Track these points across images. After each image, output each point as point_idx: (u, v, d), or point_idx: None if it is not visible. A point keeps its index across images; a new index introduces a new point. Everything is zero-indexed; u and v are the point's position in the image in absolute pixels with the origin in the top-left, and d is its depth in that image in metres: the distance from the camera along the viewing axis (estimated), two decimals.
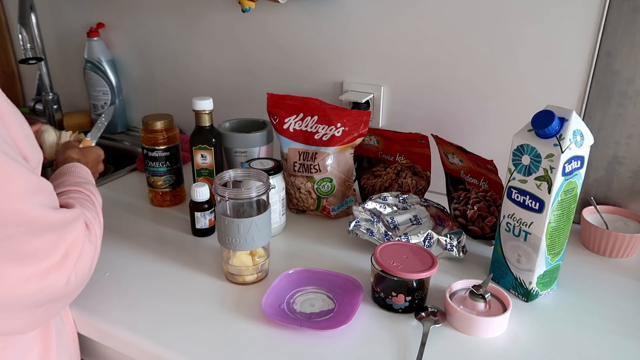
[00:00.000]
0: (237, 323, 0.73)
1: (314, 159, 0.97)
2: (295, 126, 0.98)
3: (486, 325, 0.70)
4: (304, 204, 1.02)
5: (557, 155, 0.69)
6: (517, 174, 0.75)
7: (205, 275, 0.84)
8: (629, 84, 0.88)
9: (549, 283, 0.79)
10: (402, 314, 0.75)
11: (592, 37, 0.89)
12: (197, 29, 1.29)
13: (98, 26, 1.42)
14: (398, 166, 1.03)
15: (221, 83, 1.32)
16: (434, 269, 0.74)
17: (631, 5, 0.84)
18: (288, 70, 1.21)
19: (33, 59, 1.31)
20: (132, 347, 0.72)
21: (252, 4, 1.10)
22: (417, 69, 1.07)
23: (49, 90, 1.50)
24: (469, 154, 0.89)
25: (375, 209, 0.92)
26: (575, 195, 0.74)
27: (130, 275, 0.84)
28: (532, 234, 0.74)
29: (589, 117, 0.93)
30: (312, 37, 1.15)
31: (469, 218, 0.93)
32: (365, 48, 1.10)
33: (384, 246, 0.79)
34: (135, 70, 1.46)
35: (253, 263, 0.81)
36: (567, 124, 0.69)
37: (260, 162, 0.94)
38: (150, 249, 0.91)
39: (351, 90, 1.14)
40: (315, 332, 0.70)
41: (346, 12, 1.09)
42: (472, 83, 1.02)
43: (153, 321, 0.74)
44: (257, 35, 1.22)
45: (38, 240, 0.57)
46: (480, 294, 0.72)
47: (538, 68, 0.95)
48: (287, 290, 0.78)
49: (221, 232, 0.80)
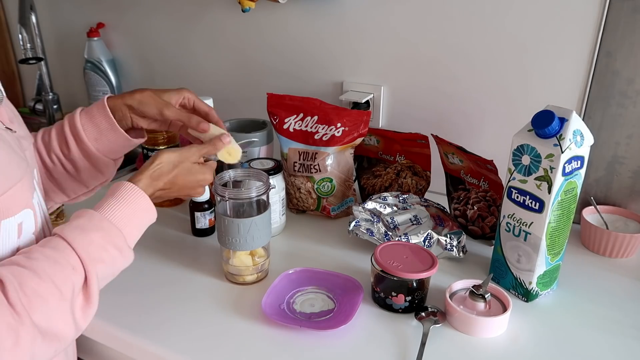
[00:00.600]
0: (237, 323, 0.73)
1: (314, 159, 0.97)
2: (295, 126, 0.98)
3: (486, 325, 0.70)
4: (304, 204, 1.02)
5: (557, 155, 0.69)
6: (517, 174, 0.75)
7: (205, 275, 0.84)
8: (629, 84, 0.88)
9: (549, 283, 0.79)
10: (402, 314, 0.75)
11: (592, 37, 0.89)
12: (197, 29, 1.29)
13: (98, 26, 1.42)
14: (398, 166, 1.03)
15: (221, 83, 1.32)
16: (434, 269, 0.74)
17: (631, 5, 0.84)
18: (288, 70, 1.21)
19: (33, 59, 1.31)
20: (132, 347, 0.72)
21: (252, 4, 1.10)
22: (417, 69, 1.07)
23: (49, 90, 1.50)
24: (469, 154, 0.89)
25: (375, 209, 0.92)
26: (575, 195, 0.74)
27: (130, 275, 0.83)
28: (532, 234, 0.74)
29: (589, 117, 0.93)
30: (312, 37, 1.15)
31: (469, 218, 0.93)
32: (365, 48, 1.10)
33: (384, 246, 0.79)
34: (135, 70, 1.45)
35: (253, 263, 0.81)
36: (567, 124, 0.69)
37: (260, 162, 0.94)
38: (150, 249, 0.91)
39: (351, 90, 1.14)
40: (315, 332, 0.70)
41: (346, 12, 1.09)
42: (472, 83, 1.02)
43: (153, 321, 0.74)
44: (257, 35, 1.22)
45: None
46: (480, 294, 0.72)
47: (538, 68, 0.95)
48: (287, 290, 0.78)
49: (221, 232, 0.80)
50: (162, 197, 0.68)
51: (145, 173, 0.65)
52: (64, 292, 0.52)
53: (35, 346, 0.50)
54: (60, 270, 0.53)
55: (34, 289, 0.50)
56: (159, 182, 0.66)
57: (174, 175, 0.67)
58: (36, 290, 0.51)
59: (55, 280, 0.52)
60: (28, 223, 0.58)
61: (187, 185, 0.69)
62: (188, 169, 0.69)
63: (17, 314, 0.49)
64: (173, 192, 0.69)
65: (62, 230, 0.56)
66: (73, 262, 0.54)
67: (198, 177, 0.70)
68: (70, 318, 0.53)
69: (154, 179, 0.65)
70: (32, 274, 0.51)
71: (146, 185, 0.64)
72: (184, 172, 0.68)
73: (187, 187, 0.70)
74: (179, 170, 0.68)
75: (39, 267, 0.52)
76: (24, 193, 0.58)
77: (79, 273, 0.55)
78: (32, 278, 0.51)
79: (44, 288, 0.51)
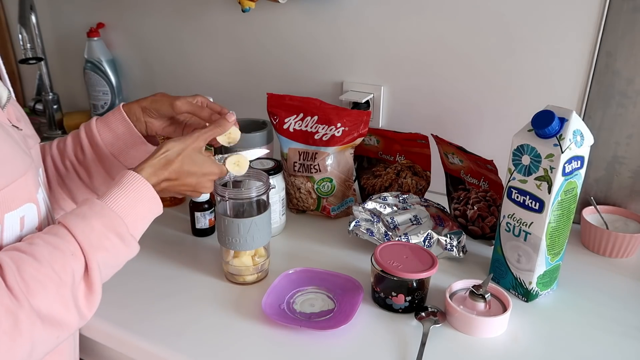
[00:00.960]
0: (237, 323, 0.73)
1: (314, 159, 0.97)
2: (295, 126, 0.98)
3: (486, 325, 0.70)
4: (304, 204, 1.02)
5: (557, 155, 0.69)
6: (517, 174, 0.75)
7: (205, 275, 0.84)
8: (629, 84, 0.88)
9: (549, 283, 0.79)
10: (402, 314, 0.75)
11: (592, 37, 0.89)
12: (197, 29, 1.29)
13: (98, 26, 1.42)
14: (398, 166, 1.03)
15: (221, 83, 1.32)
16: (434, 269, 0.74)
17: (631, 5, 0.84)
18: (288, 70, 1.21)
19: (33, 59, 1.31)
20: (131, 347, 0.72)
21: (252, 4, 1.10)
22: (417, 69, 1.07)
23: (49, 90, 1.50)
24: (469, 154, 0.89)
25: (375, 208, 0.92)
26: (575, 195, 0.74)
27: (130, 275, 0.84)
28: (532, 234, 0.74)
29: (589, 117, 0.93)
30: (312, 37, 1.15)
31: (469, 218, 0.93)
32: (365, 48, 1.10)
33: (384, 246, 0.79)
34: (135, 70, 1.45)
35: (253, 263, 0.81)
36: (567, 124, 0.69)
37: (260, 162, 0.94)
38: (150, 249, 0.91)
39: (351, 90, 1.14)
40: (315, 332, 0.70)
41: (346, 12, 1.09)
42: (472, 83, 1.02)
43: (152, 321, 0.74)
44: (257, 35, 1.22)
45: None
46: (480, 294, 0.72)
47: (538, 68, 0.95)
48: (287, 290, 0.78)
49: (221, 232, 0.80)
50: (168, 189, 0.66)
51: (150, 162, 0.64)
52: (64, 278, 0.52)
53: (35, 331, 0.49)
54: (60, 256, 0.53)
55: (32, 274, 0.50)
56: (164, 171, 0.65)
57: (179, 163, 0.66)
58: (35, 275, 0.50)
59: (55, 265, 0.52)
60: (31, 217, 0.58)
61: (193, 176, 0.67)
62: (193, 157, 0.67)
63: (15, 297, 0.48)
64: (179, 185, 0.67)
65: (64, 217, 0.56)
66: (73, 249, 0.54)
67: (204, 169, 0.68)
68: (72, 305, 0.53)
69: (158, 168, 0.64)
70: (32, 259, 0.51)
71: (150, 174, 0.63)
72: (188, 160, 0.67)
73: (194, 180, 0.68)
74: (183, 158, 0.66)
75: (39, 252, 0.52)
76: (28, 187, 0.58)
77: (79, 260, 0.54)
78: (32, 263, 0.51)
79: (43, 273, 0.51)
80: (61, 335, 0.53)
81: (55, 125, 1.52)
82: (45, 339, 0.51)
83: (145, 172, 0.63)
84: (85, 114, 1.54)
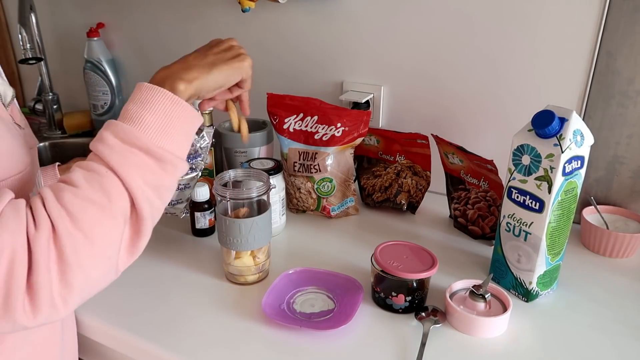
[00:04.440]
0: (237, 323, 0.73)
1: (314, 159, 0.97)
2: (295, 126, 0.98)
3: (486, 325, 0.70)
4: (304, 204, 1.02)
5: (557, 155, 0.69)
6: (517, 174, 0.75)
7: (205, 275, 0.84)
8: (629, 84, 0.88)
9: (549, 283, 0.79)
10: (402, 314, 0.75)
11: (592, 37, 0.89)
12: (197, 28, 1.29)
13: (98, 26, 1.42)
14: (398, 166, 1.03)
15: None
16: (434, 269, 0.74)
17: (631, 5, 0.84)
18: (288, 70, 1.21)
19: (33, 59, 1.31)
20: (131, 347, 0.72)
21: (252, 4, 1.10)
22: (417, 69, 1.07)
23: (49, 90, 1.50)
24: (469, 154, 0.89)
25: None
26: (575, 195, 0.74)
27: (130, 275, 0.84)
28: (532, 234, 0.74)
29: (589, 117, 0.93)
30: (312, 37, 1.15)
31: (469, 218, 0.93)
32: (366, 48, 1.10)
33: (384, 246, 0.79)
34: (135, 70, 1.45)
35: (255, 263, 0.81)
36: (567, 124, 0.69)
37: (260, 162, 0.94)
38: (150, 249, 0.90)
39: (351, 90, 1.14)
40: (315, 332, 0.70)
41: (346, 12, 1.09)
42: (472, 83, 1.02)
43: (153, 321, 0.74)
44: (257, 35, 1.22)
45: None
46: (481, 294, 0.72)
47: (538, 68, 0.95)
48: (287, 290, 0.78)
49: (222, 232, 0.79)
50: (197, 66, 0.61)
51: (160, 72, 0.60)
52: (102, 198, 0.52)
53: (78, 245, 0.49)
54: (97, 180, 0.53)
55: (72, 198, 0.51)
56: (179, 63, 0.61)
57: (194, 53, 0.63)
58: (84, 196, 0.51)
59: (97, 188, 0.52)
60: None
61: (221, 50, 0.63)
62: (208, 45, 0.64)
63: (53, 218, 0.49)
64: (209, 58, 0.62)
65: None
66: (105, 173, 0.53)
67: (224, 45, 0.64)
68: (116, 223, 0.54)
69: (168, 67, 0.61)
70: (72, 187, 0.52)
71: (161, 78, 0.59)
72: (205, 47, 0.63)
73: (223, 54, 0.63)
74: (199, 50, 0.62)
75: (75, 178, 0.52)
76: (24, 185, 0.59)
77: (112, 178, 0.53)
78: (71, 189, 0.51)
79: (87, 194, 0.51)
80: (102, 254, 0.54)
81: (55, 125, 1.52)
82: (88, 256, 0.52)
83: (155, 79, 0.60)
84: (85, 114, 1.54)
